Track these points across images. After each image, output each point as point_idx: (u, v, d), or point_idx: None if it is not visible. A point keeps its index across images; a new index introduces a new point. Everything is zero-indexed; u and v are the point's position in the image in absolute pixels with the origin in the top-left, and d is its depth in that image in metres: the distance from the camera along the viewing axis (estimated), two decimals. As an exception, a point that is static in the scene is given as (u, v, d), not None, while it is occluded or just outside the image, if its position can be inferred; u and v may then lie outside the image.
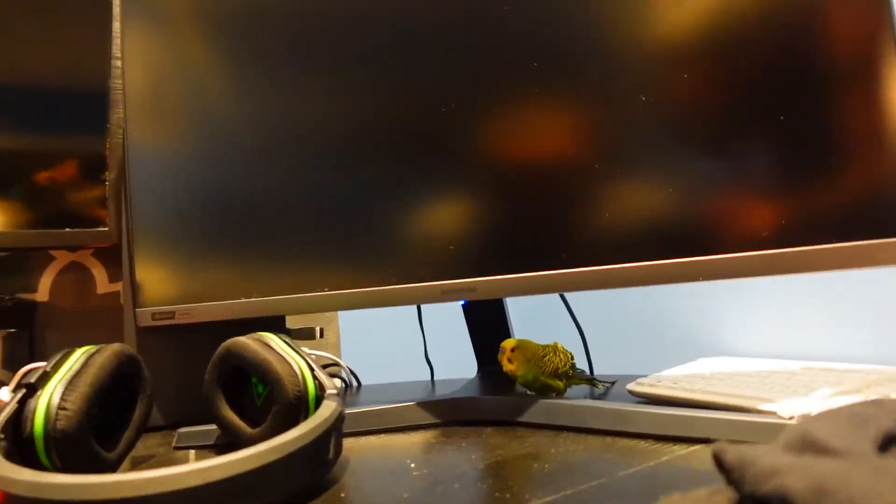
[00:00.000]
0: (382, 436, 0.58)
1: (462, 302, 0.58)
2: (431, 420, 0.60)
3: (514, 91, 0.56)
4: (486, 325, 0.69)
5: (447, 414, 0.60)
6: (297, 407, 0.50)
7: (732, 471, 0.23)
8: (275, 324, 0.77)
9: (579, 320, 0.76)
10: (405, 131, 0.60)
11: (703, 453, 0.44)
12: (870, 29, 0.45)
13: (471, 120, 0.58)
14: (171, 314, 0.67)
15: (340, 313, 1.03)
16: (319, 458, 0.44)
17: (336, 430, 0.46)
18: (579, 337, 0.75)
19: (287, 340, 0.56)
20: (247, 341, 0.54)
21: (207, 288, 0.67)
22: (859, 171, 0.46)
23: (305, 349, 0.92)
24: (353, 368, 0.96)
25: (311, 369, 0.53)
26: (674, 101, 0.51)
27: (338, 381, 0.95)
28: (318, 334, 0.85)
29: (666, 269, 0.51)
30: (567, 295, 0.75)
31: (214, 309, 0.66)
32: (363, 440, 0.57)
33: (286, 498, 0.40)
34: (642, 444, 0.48)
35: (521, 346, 0.61)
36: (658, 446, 0.47)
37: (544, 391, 0.61)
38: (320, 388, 0.52)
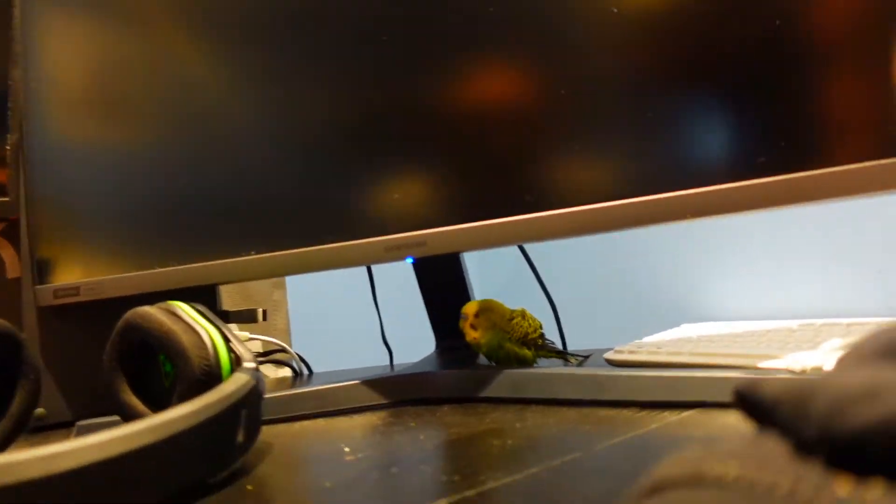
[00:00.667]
0: (322, 420, 0.49)
1: (409, 260, 0.49)
2: (379, 400, 0.50)
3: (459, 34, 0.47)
4: (443, 291, 0.59)
5: (397, 393, 0.51)
6: (207, 385, 0.41)
7: (781, 406, 0.14)
8: (207, 304, 0.67)
9: (547, 291, 0.67)
10: (334, 73, 0.51)
11: (700, 419, 0.36)
12: None
13: (407, 54, 0.49)
14: (76, 290, 0.57)
15: (290, 296, 0.93)
16: (221, 444, 0.34)
17: (248, 407, 0.36)
18: (549, 307, 0.66)
19: (201, 309, 0.46)
20: (149, 310, 0.44)
21: (117, 259, 0.57)
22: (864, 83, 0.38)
23: (247, 333, 0.82)
24: (304, 356, 0.86)
25: (227, 340, 0.43)
26: (649, 15, 0.43)
27: (287, 370, 0.85)
28: (260, 317, 0.75)
29: (648, 208, 0.42)
30: (534, 261, 0.67)
31: (125, 282, 0.56)
32: (297, 426, 0.48)
33: (169, 493, 0.30)
34: (625, 412, 0.39)
35: (487, 309, 0.52)
36: (644, 414, 0.38)
37: (509, 362, 0.52)
38: (237, 361, 0.42)
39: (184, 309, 0.45)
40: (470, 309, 0.52)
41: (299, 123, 0.53)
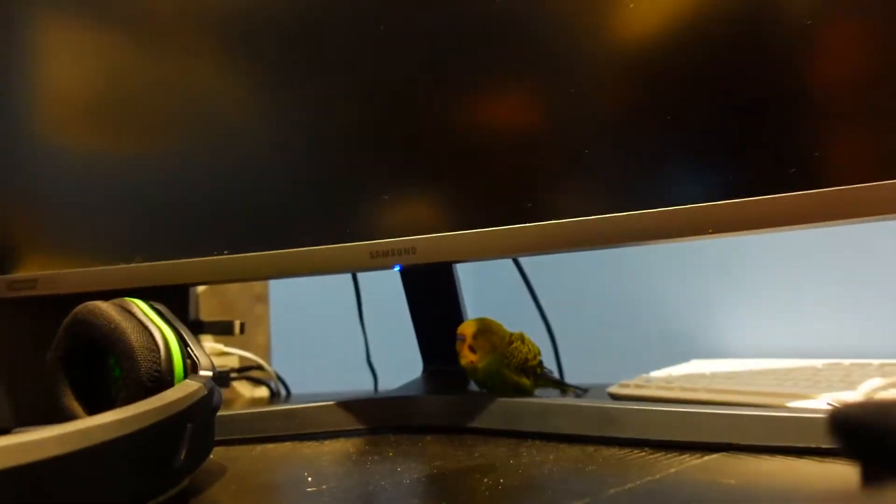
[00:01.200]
0: (289, 444, 0.43)
1: (397, 268, 0.43)
2: (355, 425, 0.44)
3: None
4: (433, 307, 0.54)
5: (376, 418, 0.44)
6: (155, 392, 0.35)
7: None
8: (177, 310, 0.61)
9: (545, 316, 0.62)
10: (326, 75, 0.46)
11: (727, 464, 0.30)
12: None
13: (404, 59, 0.44)
14: (33, 283, 0.51)
15: (273, 312, 0.87)
16: (156, 462, 0.28)
17: (195, 421, 0.30)
18: (546, 334, 0.61)
19: (160, 308, 0.40)
20: (100, 305, 0.39)
21: (80, 253, 0.51)
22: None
23: (222, 346, 0.76)
24: (284, 376, 0.80)
25: (185, 344, 0.37)
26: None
27: (264, 390, 0.78)
28: (237, 329, 0.69)
29: (666, 219, 0.37)
30: (532, 286, 0.61)
31: (87, 277, 0.50)
32: (260, 448, 0.41)
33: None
34: (635, 453, 0.33)
35: (486, 330, 0.45)
36: (658, 456, 0.32)
37: (505, 391, 0.45)
38: (192, 369, 0.36)
39: (139, 306, 0.39)
40: (468, 329, 0.45)
41: (281, 121, 0.48)
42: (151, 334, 0.36)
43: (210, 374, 0.35)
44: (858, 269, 0.77)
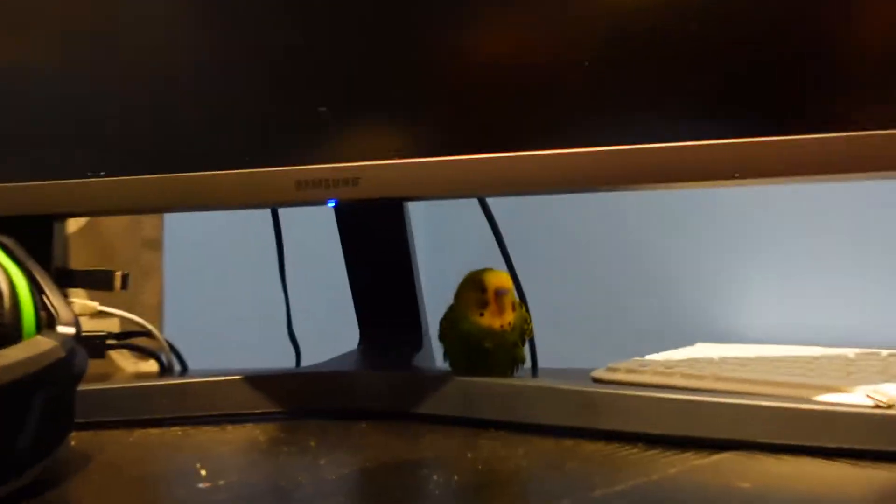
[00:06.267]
0: (178, 429, 0.41)
1: (331, 203, 0.41)
2: (267, 408, 0.43)
3: None
4: (377, 259, 0.52)
5: (295, 398, 0.43)
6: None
7: None
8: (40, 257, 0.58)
9: (520, 284, 0.61)
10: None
11: (740, 465, 0.30)
12: None
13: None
14: None
15: (168, 260, 0.84)
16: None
17: (48, 392, 0.28)
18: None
19: (7, 244, 0.38)
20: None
21: None
22: None
23: (96, 304, 0.72)
24: (179, 346, 0.77)
25: (39, 291, 0.35)
26: None
27: (152, 363, 0.76)
28: (118, 283, 0.66)
29: (679, 157, 0.36)
30: (503, 238, 0.60)
31: None
32: (140, 433, 0.40)
33: None
34: (626, 449, 0.33)
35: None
36: (655, 454, 0.32)
37: (506, 364, 0.44)
38: (48, 322, 0.34)
39: (-20, 241, 0.37)
40: (506, 280, 0.44)
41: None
42: (-7, 276, 0.34)
43: (72, 331, 0.33)
44: (889, 250, 0.79)
